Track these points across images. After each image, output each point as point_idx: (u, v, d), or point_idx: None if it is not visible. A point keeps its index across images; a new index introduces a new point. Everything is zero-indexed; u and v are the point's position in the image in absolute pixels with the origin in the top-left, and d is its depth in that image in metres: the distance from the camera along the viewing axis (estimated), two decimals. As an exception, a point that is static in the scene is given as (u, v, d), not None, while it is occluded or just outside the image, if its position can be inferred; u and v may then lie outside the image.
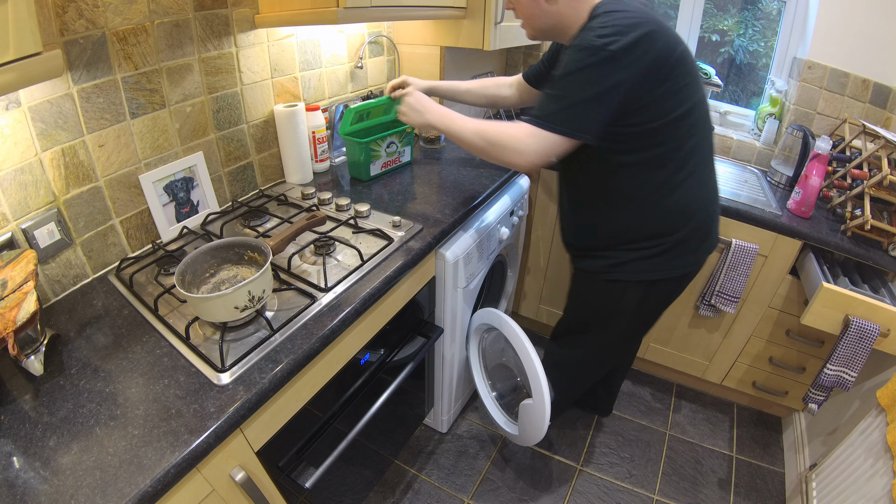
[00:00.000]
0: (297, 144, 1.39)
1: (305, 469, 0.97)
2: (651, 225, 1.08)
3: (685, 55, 0.95)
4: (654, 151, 1.00)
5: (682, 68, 0.94)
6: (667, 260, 1.11)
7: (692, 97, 0.97)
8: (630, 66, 0.89)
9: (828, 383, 1.29)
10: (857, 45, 1.59)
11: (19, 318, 0.71)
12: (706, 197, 1.11)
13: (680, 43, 0.95)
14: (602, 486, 1.57)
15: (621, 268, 1.13)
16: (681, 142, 1.00)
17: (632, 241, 1.11)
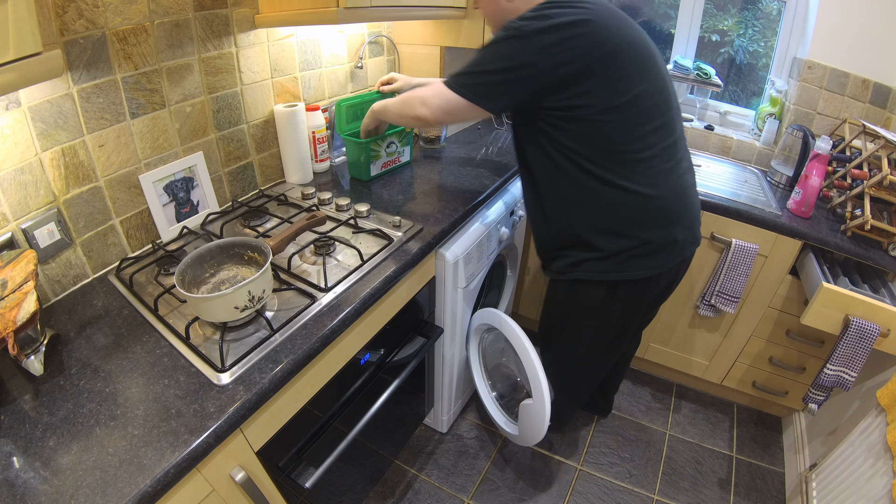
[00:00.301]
0: (297, 144, 1.39)
1: (305, 469, 0.97)
2: (599, 226, 1.07)
3: (621, 49, 0.95)
4: (597, 146, 0.99)
5: (615, 62, 0.94)
6: (619, 262, 1.08)
7: (628, 92, 0.96)
8: (544, 49, 0.92)
9: (828, 383, 1.29)
10: (857, 45, 1.59)
11: (19, 318, 0.71)
12: (662, 203, 1.05)
13: (618, 37, 0.95)
14: (602, 486, 1.57)
15: (579, 267, 1.12)
16: (624, 140, 0.99)
17: (584, 242, 1.09)
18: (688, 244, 1.14)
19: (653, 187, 1.03)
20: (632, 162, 1.01)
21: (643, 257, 1.08)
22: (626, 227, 1.06)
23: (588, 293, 1.16)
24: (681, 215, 1.09)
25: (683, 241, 1.11)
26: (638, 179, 1.02)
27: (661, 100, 1.02)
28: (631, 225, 1.05)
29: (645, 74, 0.99)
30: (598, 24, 0.94)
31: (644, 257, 1.08)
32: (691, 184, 1.13)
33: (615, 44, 0.94)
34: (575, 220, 1.09)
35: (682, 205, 1.09)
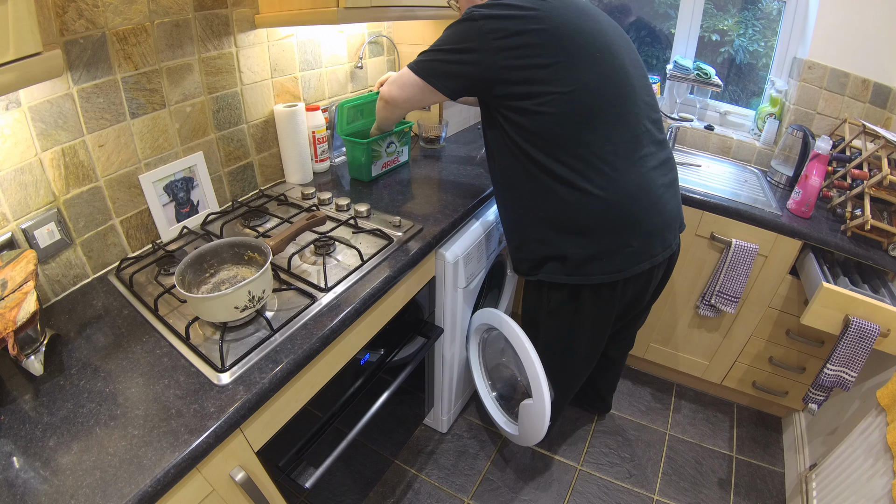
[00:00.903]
0: (297, 144, 1.39)
1: (305, 469, 0.97)
2: (556, 223, 1.05)
3: (567, 37, 0.95)
4: (547, 138, 0.99)
5: (559, 49, 0.95)
6: (578, 265, 1.05)
7: (574, 82, 0.95)
8: (489, 32, 0.95)
9: (828, 383, 1.29)
10: (857, 45, 1.59)
11: (19, 318, 0.71)
12: (613, 207, 1.00)
13: (566, 25, 0.96)
14: (602, 486, 1.57)
15: (542, 269, 1.12)
16: (574, 132, 0.97)
17: (543, 239, 1.08)
18: (655, 250, 1.07)
19: (603, 189, 0.99)
20: (585, 157, 0.98)
21: (601, 261, 1.04)
22: (582, 228, 1.03)
23: (553, 296, 1.15)
24: (638, 221, 1.03)
25: (641, 249, 1.05)
26: (590, 177, 0.99)
27: (614, 91, 0.99)
28: (585, 226, 1.02)
29: (593, 63, 0.97)
30: (546, 12, 0.95)
31: (601, 261, 1.04)
32: (661, 184, 1.05)
33: (562, 32, 0.95)
34: (532, 212, 1.08)
35: (641, 209, 1.02)
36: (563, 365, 1.31)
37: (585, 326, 1.20)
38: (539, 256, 1.12)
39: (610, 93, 0.99)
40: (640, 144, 1.02)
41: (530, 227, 1.11)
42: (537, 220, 1.08)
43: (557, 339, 1.27)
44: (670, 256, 1.15)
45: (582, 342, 1.24)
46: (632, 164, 1.01)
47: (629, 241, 1.04)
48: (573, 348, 1.27)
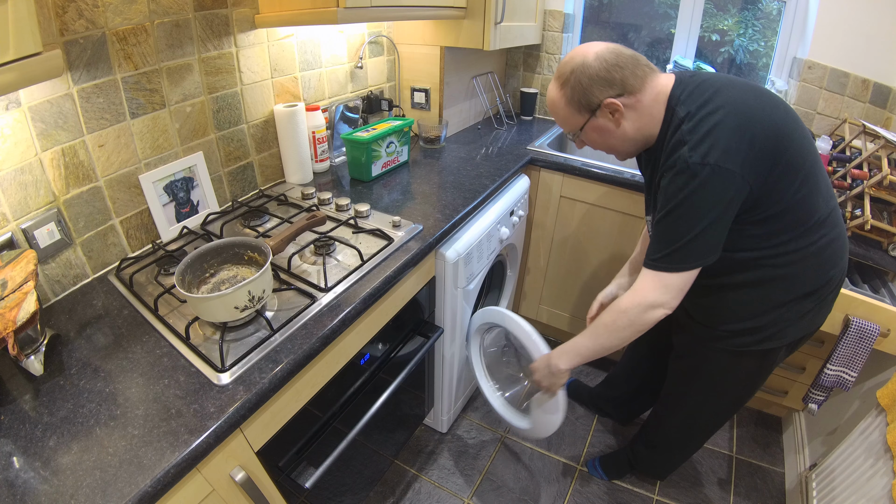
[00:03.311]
0: (297, 144, 1.39)
1: (305, 469, 0.97)
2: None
3: (785, 125, 0.83)
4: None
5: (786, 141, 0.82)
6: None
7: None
8: (737, 170, 0.79)
9: (828, 383, 1.29)
10: (857, 45, 1.59)
11: (19, 318, 0.71)
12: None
13: (776, 112, 0.83)
14: (602, 486, 1.57)
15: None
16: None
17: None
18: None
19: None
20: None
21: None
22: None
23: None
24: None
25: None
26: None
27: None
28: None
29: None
30: (754, 104, 0.85)
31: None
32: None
33: (780, 119, 0.86)
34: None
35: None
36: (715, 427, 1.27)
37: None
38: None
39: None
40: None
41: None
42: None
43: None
44: None
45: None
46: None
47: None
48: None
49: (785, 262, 0.89)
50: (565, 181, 1.75)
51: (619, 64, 0.87)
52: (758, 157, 0.79)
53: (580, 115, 0.93)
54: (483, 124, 2.13)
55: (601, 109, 0.90)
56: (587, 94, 0.89)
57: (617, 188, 1.64)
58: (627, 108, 0.89)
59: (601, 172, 1.64)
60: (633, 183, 1.59)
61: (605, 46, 0.89)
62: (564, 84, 0.91)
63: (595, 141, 0.98)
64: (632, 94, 0.88)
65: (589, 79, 0.88)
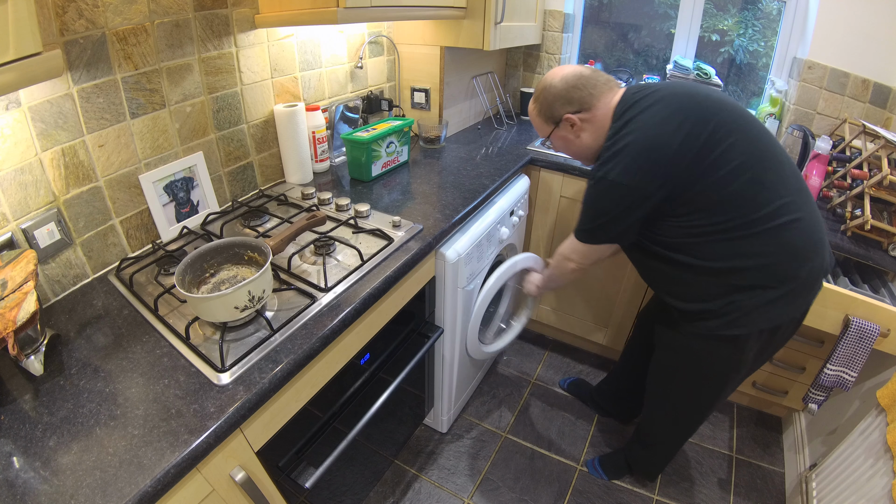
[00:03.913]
0: (297, 144, 1.39)
1: (305, 469, 0.97)
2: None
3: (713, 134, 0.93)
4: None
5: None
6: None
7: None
8: (636, 186, 0.95)
9: (828, 383, 1.29)
10: (857, 45, 1.59)
11: (19, 318, 0.71)
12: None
13: (704, 121, 0.94)
14: (602, 486, 1.57)
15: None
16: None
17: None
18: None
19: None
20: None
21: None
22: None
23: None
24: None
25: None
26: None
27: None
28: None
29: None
30: (691, 106, 0.99)
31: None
32: None
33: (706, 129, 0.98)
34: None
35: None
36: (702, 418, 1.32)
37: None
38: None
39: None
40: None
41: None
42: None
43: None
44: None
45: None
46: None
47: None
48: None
49: (729, 251, 0.97)
50: (565, 181, 1.75)
51: (577, 86, 1.05)
52: (662, 172, 0.93)
53: (547, 125, 1.13)
54: (483, 124, 2.13)
55: (563, 122, 1.09)
56: (551, 109, 1.09)
57: (617, 188, 1.64)
58: (584, 122, 1.07)
59: (601, 172, 1.63)
60: (633, 183, 1.59)
61: (571, 70, 1.08)
62: (536, 100, 1.13)
63: (561, 147, 1.16)
64: (588, 110, 1.06)
65: (553, 97, 1.08)
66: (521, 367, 2.05)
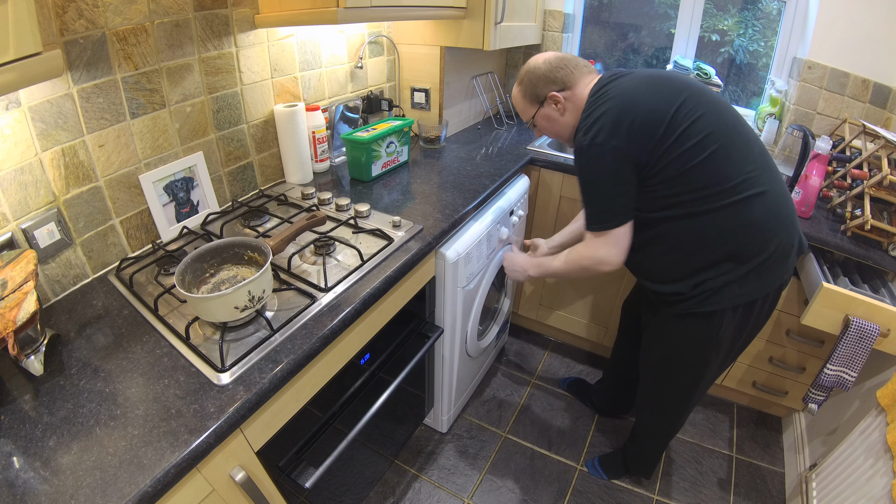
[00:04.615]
0: (297, 144, 1.39)
1: (305, 469, 0.97)
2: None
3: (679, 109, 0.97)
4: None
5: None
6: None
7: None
8: (620, 146, 0.97)
9: (828, 383, 1.29)
10: (857, 45, 1.59)
11: (19, 318, 0.71)
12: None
13: (667, 101, 0.97)
14: (602, 486, 1.57)
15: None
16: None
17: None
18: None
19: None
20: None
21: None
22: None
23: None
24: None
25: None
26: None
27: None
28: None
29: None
30: (645, 94, 1.01)
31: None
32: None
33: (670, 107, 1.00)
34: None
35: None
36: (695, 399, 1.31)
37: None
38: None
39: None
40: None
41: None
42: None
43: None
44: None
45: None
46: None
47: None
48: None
49: (695, 224, 1.00)
50: (565, 181, 1.75)
51: (559, 66, 1.11)
52: (639, 133, 0.96)
53: (532, 106, 1.17)
54: (483, 124, 2.13)
55: (547, 101, 1.13)
56: (535, 89, 1.14)
57: (617, 188, 1.64)
58: (567, 101, 1.11)
59: (601, 172, 1.63)
60: (633, 183, 1.59)
61: (553, 54, 1.14)
62: (521, 83, 1.18)
63: (545, 127, 1.19)
64: (569, 89, 1.11)
65: (538, 78, 1.13)
66: (521, 367, 2.05)
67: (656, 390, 1.31)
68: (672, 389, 1.27)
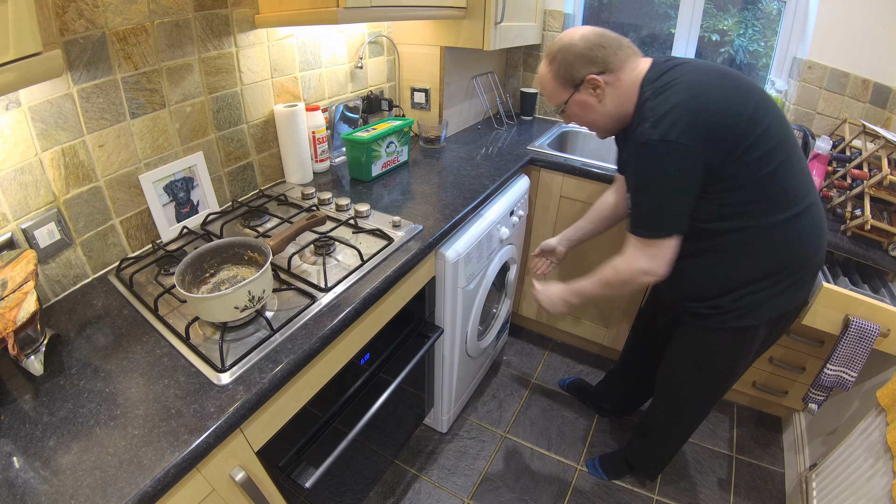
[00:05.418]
0: (297, 144, 1.39)
1: (305, 469, 0.97)
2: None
3: (757, 108, 0.89)
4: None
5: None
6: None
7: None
8: (695, 145, 0.86)
9: (828, 383, 1.29)
10: (857, 45, 1.59)
11: (19, 318, 0.71)
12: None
13: (747, 97, 0.89)
14: (602, 486, 1.57)
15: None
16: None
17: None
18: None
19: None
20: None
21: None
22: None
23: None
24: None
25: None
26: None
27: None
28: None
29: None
30: (718, 88, 0.92)
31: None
32: None
33: (752, 104, 0.92)
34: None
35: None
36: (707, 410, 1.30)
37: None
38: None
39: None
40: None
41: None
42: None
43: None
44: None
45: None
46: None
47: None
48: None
49: (753, 237, 0.94)
50: (565, 181, 1.75)
51: (601, 44, 0.95)
52: (715, 134, 0.85)
53: (565, 89, 1.01)
54: (483, 124, 2.13)
55: (584, 85, 0.98)
56: (571, 70, 0.98)
57: (617, 188, 1.64)
58: (608, 86, 0.97)
59: (601, 172, 1.64)
60: (633, 183, 1.59)
61: (591, 29, 0.97)
62: (552, 61, 1.00)
63: (577, 115, 1.05)
64: (612, 72, 0.96)
65: (574, 56, 0.97)
66: (521, 367, 2.05)
67: (678, 398, 1.28)
68: (695, 398, 1.24)
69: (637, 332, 1.55)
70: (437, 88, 1.80)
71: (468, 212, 1.34)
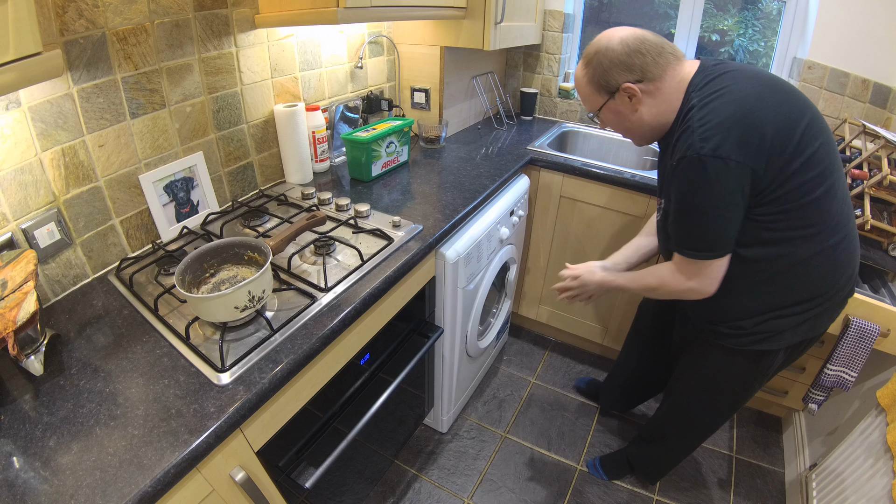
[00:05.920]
0: (297, 144, 1.39)
1: (305, 469, 0.97)
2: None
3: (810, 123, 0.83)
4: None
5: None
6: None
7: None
8: (747, 162, 0.80)
9: (828, 383, 1.29)
10: (857, 45, 1.59)
11: (19, 318, 0.71)
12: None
13: (801, 112, 0.83)
14: (602, 486, 1.57)
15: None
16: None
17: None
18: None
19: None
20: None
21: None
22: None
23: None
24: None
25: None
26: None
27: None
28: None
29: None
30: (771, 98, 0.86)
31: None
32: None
33: (807, 118, 0.87)
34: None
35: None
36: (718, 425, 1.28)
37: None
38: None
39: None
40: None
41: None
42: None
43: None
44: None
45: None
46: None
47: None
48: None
49: (788, 265, 0.89)
50: (565, 181, 1.75)
51: (640, 50, 0.89)
52: (769, 151, 0.80)
53: (599, 95, 0.96)
54: (483, 124, 2.13)
55: (619, 93, 0.93)
56: (607, 76, 0.92)
57: (617, 188, 1.64)
58: (645, 94, 0.91)
59: (601, 172, 1.64)
60: (633, 183, 1.59)
61: (631, 32, 0.91)
62: (588, 64, 0.95)
63: (612, 122, 1.00)
64: (651, 81, 0.90)
65: (610, 62, 0.91)
66: (522, 367, 2.05)
67: (688, 413, 1.26)
68: (706, 416, 1.22)
69: (639, 328, 1.55)
70: (437, 88, 1.81)
71: (468, 212, 1.34)
